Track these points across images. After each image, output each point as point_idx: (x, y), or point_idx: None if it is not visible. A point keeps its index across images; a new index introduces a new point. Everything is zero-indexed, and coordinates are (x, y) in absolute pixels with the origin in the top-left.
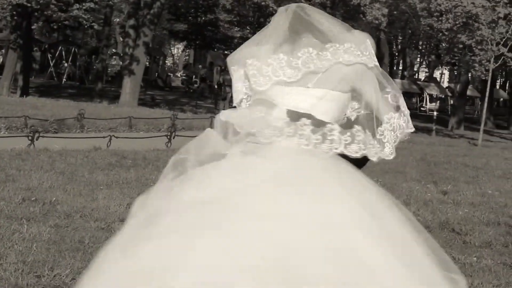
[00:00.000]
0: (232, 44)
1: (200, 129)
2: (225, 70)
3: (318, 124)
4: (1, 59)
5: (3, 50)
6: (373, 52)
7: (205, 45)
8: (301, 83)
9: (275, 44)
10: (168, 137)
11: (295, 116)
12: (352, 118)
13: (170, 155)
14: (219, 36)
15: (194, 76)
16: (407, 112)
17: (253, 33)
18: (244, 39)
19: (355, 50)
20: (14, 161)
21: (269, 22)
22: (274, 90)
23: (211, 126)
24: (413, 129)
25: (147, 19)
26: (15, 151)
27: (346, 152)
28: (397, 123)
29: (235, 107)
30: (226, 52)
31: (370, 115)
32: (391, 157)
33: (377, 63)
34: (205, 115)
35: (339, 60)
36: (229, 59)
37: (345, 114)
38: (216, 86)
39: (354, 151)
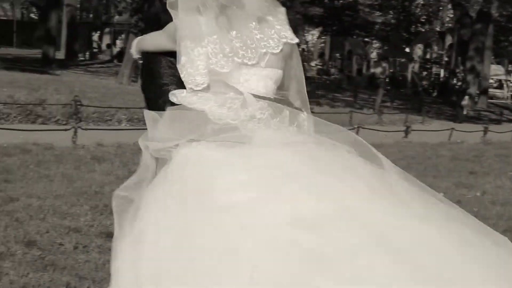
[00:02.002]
0: (373, 31)
1: (338, 124)
2: (364, 59)
3: (293, 113)
4: (121, 45)
5: (123, 35)
6: None
7: (343, 32)
8: (258, 64)
9: (215, 14)
10: None
11: (271, 104)
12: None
13: None
14: (358, 21)
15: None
16: None
17: (397, 19)
18: (386, 25)
19: (286, 23)
20: (137, 156)
21: (414, 6)
22: (235, 73)
23: (351, 121)
24: None
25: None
26: (137, 145)
27: None
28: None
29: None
30: (366, 39)
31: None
32: None
33: None
34: (344, 109)
35: (285, 40)
36: (179, 35)
37: None
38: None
39: None
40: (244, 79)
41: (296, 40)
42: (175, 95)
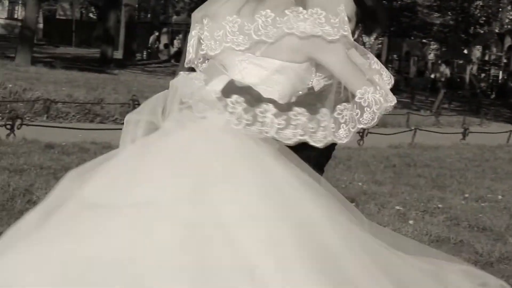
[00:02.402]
0: (431, 32)
1: (395, 126)
2: (421, 61)
3: (253, 102)
4: (179, 45)
5: (180, 35)
6: (345, 18)
7: (401, 33)
8: (250, 51)
9: (244, 1)
10: (360, 134)
11: (233, 89)
12: (317, 87)
13: (363, 154)
14: (416, 22)
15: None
16: (384, 84)
17: (455, 20)
18: (445, 26)
19: (320, 17)
20: None
21: (473, 8)
22: (226, 57)
23: (408, 123)
24: (394, 102)
25: None
26: None
27: (277, 138)
28: (373, 97)
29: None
30: (424, 40)
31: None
32: (345, 140)
33: (347, 32)
34: (401, 111)
35: (291, 31)
36: (193, 15)
37: (310, 84)
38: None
39: (287, 137)
40: (239, 64)
41: (310, 33)
42: (177, 75)
